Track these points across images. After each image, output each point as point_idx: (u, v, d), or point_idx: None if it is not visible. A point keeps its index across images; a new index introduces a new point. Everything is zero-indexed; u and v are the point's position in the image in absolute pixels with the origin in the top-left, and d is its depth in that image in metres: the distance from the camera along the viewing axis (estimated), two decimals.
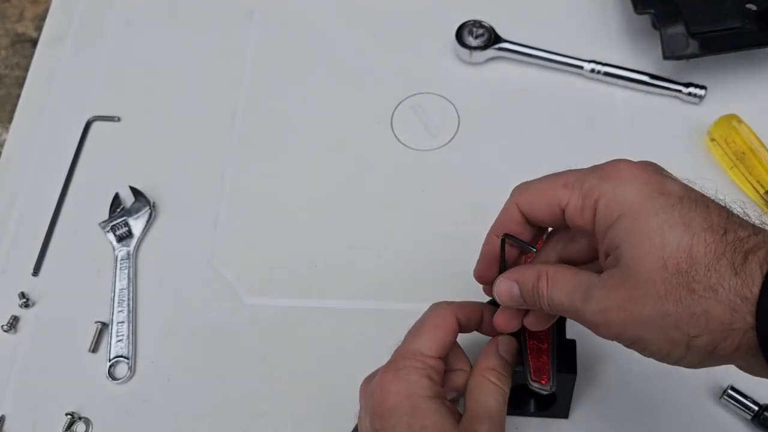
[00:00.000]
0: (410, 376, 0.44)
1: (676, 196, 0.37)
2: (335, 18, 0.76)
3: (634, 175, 0.38)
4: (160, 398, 0.58)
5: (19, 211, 0.67)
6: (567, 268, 0.42)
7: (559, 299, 0.40)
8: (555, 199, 0.41)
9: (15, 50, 0.82)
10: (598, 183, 0.39)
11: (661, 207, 0.37)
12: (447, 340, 0.47)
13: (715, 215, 0.36)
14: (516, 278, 0.43)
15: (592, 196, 0.39)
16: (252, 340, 0.60)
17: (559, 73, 0.71)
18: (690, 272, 0.35)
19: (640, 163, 0.39)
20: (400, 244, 0.63)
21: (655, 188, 0.37)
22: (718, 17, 0.65)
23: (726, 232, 0.35)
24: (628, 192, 0.38)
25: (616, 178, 0.39)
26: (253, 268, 0.63)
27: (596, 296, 0.38)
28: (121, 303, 0.61)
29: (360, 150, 0.68)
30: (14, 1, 0.85)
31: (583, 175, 0.40)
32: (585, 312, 0.39)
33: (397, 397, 0.44)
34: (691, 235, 0.35)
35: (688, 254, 0.35)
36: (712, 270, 0.35)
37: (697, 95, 0.67)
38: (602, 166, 0.40)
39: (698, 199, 0.37)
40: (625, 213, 0.37)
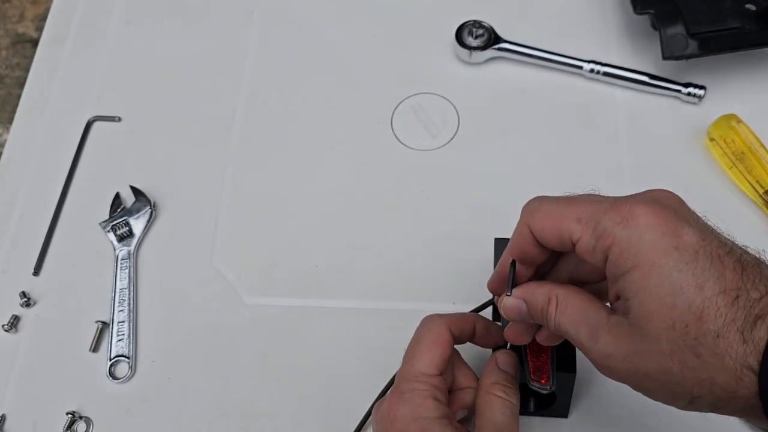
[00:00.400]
0: (415, 399, 0.45)
1: (692, 250, 0.36)
2: (335, 18, 0.77)
3: (651, 223, 0.37)
4: (161, 398, 0.58)
5: (19, 211, 0.67)
6: (577, 294, 0.41)
7: (566, 328, 0.41)
8: (567, 231, 0.40)
9: (15, 50, 0.82)
10: (613, 228, 0.38)
11: (675, 264, 0.36)
12: (445, 355, 0.47)
13: (729, 273, 0.35)
14: (525, 297, 0.43)
15: (606, 240, 0.38)
16: (252, 339, 0.60)
17: (558, 73, 0.71)
18: (698, 337, 0.35)
19: (659, 208, 0.38)
20: (400, 244, 0.63)
21: (672, 241, 0.36)
22: (718, 17, 0.66)
23: (738, 296, 0.35)
24: (643, 243, 0.37)
25: (632, 225, 0.37)
26: (254, 268, 0.63)
27: (602, 340, 0.38)
28: (122, 302, 0.61)
29: (360, 150, 0.68)
30: (15, 1, 0.85)
31: (598, 213, 0.39)
32: (590, 351, 0.39)
33: (403, 422, 0.44)
34: (703, 299, 0.35)
35: (698, 318, 0.35)
36: (720, 337, 0.34)
37: (696, 95, 0.67)
38: (620, 206, 0.38)
39: (713, 253, 0.36)
40: (638, 265, 0.37)
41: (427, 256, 0.63)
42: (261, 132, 0.70)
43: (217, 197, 0.67)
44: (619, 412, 0.55)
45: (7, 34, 0.83)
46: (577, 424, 0.55)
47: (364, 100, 0.71)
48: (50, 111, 0.73)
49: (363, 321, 0.60)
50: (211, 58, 0.75)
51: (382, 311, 0.60)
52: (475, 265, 0.61)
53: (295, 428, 0.56)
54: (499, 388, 0.46)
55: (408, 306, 0.60)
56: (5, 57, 0.81)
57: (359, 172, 0.67)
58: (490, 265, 0.59)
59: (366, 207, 0.65)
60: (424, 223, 0.64)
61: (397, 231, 0.64)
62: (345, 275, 0.62)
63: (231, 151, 0.69)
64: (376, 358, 0.58)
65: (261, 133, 0.70)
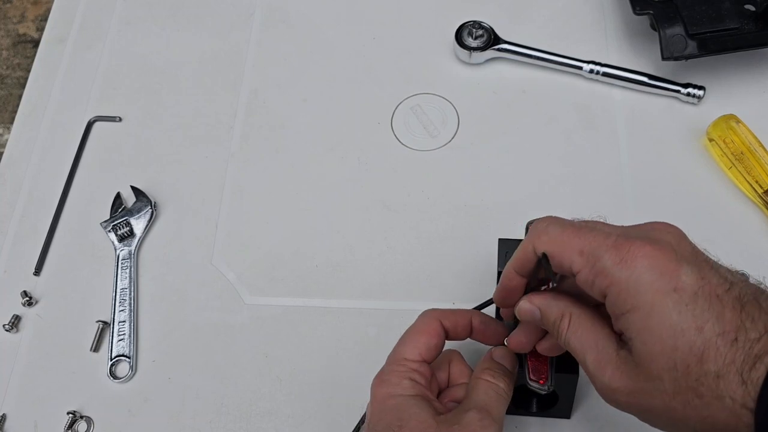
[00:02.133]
0: (392, 379, 0.47)
1: (691, 291, 0.36)
2: (335, 19, 0.77)
3: (649, 264, 0.37)
4: (162, 397, 0.58)
5: (20, 211, 0.67)
6: (589, 317, 0.41)
7: (574, 348, 0.41)
8: (568, 261, 0.40)
9: (16, 51, 0.82)
10: (612, 268, 0.38)
11: (674, 306, 0.36)
12: (430, 344, 0.48)
13: (728, 312, 0.36)
14: (540, 307, 0.44)
15: (604, 280, 0.38)
16: (253, 339, 0.60)
17: (558, 73, 0.71)
18: (699, 378, 0.36)
19: (657, 247, 0.38)
20: (400, 244, 0.64)
21: (670, 282, 0.37)
22: (717, 18, 0.66)
23: (737, 337, 0.35)
24: (641, 285, 0.37)
25: (631, 266, 0.37)
26: (254, 268, 0.63)
27: (609, 373, 0.39)
28: (123, 302, 0.61)
29: (360, 150, 0.69)
30: (16, 2, 0.85)
31: (600, 250, 0.39)
32: (595, 379, 0.40)
33: (380, 400, 0.46)
34: (704, 340, 0.36)
35: (699, 359, 0.36)
36: (721, 378, 0.35)
37: (695, 96, 0.68)
38: (621, 245, 0.38)
39: (712, 292, 0.36)
40: (637, 307, 0.37)
41: (427, 256, 0.63)
42: (261, 132, 0.70)
43: (218, 197, 0.67)
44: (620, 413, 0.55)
45: (8, 34, 0.83)
46: (579, 425, 0.55)
47: (364, 100, 0.71)
48: (51, 111, 0.73)
49: (363, 321, 0.60)
50: (211, 58, 0.75)
51: (382, 311, 0.60)
52: (475, 265, 0.62)
53: (296, 427, 0.56)
54: (488, 373, 0.47)
55: (408, 306, 0.60)
56: (6, 57, 0.81)
57: (359, 173, 0.67)
58: (490, 265, 0.60)
59: (366, 207, 0.66)
60: (424, 223, 0.64)
61: (397, 231, 0.64)
62: (345, 275, 0.62)
63: (231, 151, 0.69)
64: (376, 358, 0.58)
65: (261, 133, 0.70)
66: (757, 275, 0.60)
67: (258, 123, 0.71)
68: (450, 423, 0.44)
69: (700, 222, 0.63)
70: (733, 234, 0.62)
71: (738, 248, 0.61)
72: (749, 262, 0.60)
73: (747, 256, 0.61)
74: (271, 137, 0.70)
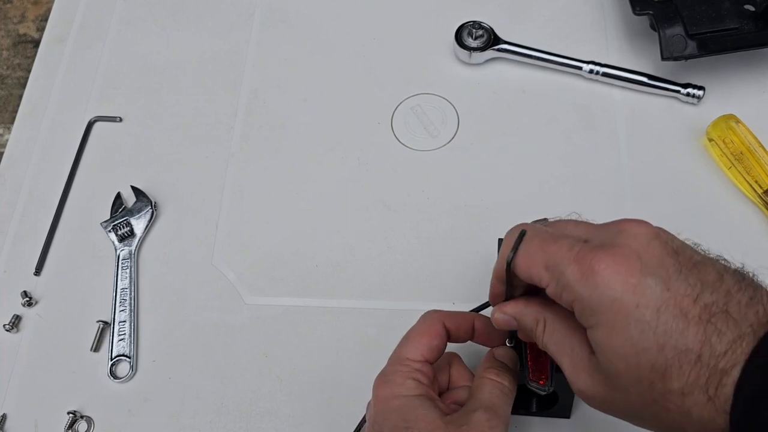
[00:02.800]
0: (395, 379, 0.47)
1: (654, 307, 0.35)
2: (335, 19, 0.77)
3: (610, 280, 0.36)
4: (162, 397, 0.58)
5: (21, 211, 0.67)
6: (563, 321, 0.41)
7: (552, 352, 0.42)
8: (537, 276, 0.40)
9: (17, 51, 0.82)
10: (575, 284, 0.37)
11: (635, 324, 0.35)
12: (432, 344, 0.48)
13: (692, 328, 0.34)
14: (515, 315, 0.44)
15: (569, 295, 0.38)
16: (253, 339, 0.60)
17: (557, 73, 0.71)
18: (665, 394, 0.35)
19: (620, 258, 0.36)
20: (400, 244, 0.64)
21: (632, 299, 0.35)
22: (717, 18, 0.66)
23: (701, 354, 0.34)
24: (603, 302, 0.36)
25: (592, 282, 0.36)
26: (254, 268, 0.63)
27: (582, 379, 0.40)
28: (123, 302, 0.61)
29: (360, 150, 0.69)
30: (16, 2, 0.85)
31: (563, 264, 0.38)
32: (572, 385, 0.41)
33: (384, 400, 0.46)
34: (665, 359, 0.35)
35: (662, 377, 0.35)
36: (686, 395, 0.35)
37: (695, 96, 0.68)
38: (582, 257, 0.37)
39: (677, 305, 0.35)
40: (600, 324, 0.37)
41: (427, 256, 0.63)
42: (261, 132, 0.70)
43: (218, 197, 0.67)
44: None
45: (8, 34, 0.83)
46: (579, 424, 0.55)
47: (364, 100, 0.71)
48: (51, 111, 0.73)
49: (363, 321, 0.60)
50: (211, 58, 0.75)
51: (382, 311, 0.60)
52: (475, 265, 0.62)
53: (296, 427, 0.57)
54: (492, 372, 0.47)
55: (408, 306, 0.60)
56: (6, 57, 0.81)
57: (359, 173, 0.68)
58: (490, 265, 0.59)
59: (366, 207, 0.66)
60: (424, 223, 0.64)
61: (397, 231, 0.64)
62: (345, 275, 0.62)
63: (231, 151, 0.69)
64: (376, 358, 0.58)
65: (261, 133, 0.70)
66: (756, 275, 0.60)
67: (258, 123, 0.71)
68: (458, 424, 0.44)
69: (700, 222, 0.63)
70: (732, 234, 0.62)
71: (738, 248, 0.61)
72: (749, 262, 0.60)
73: (747, 256, 0.61)
74: (271, 137, 0.70)
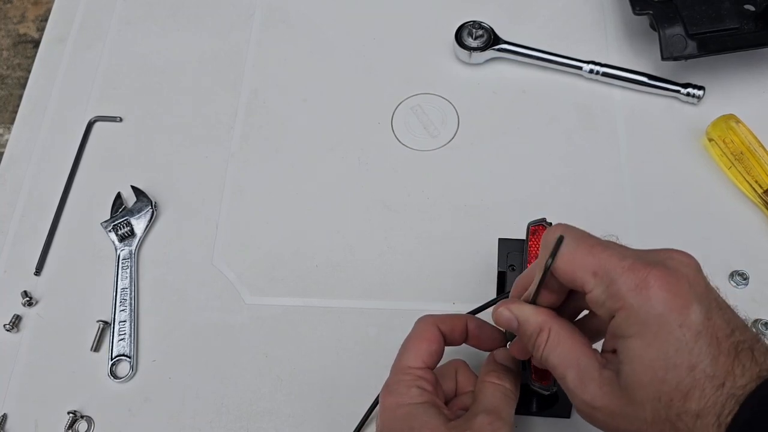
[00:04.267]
0: (399, 388, 0.47)
1: (695, 330, 0.37)
2: (335, 19, 0.77)
3: (662, 297, 0.37)
4: (162, 397, 0.58)
5: (21, 211, 0.67)
6: (571, 334, 0.42)
7: (553, 364, 0.42)
8: (581, 281, 0.40)
9: (17, 51, 0.82)
10: (626, 293, 0.38)
11: (675, 342, 0.37)
12: (431, 350, 0.48)
13: (723, 357, 0.37)
14: (519, 317, 0.44)
15: (616, 302, 0.38)
16: (253, 339, 0.60)
17: (558, 73, 0.71)
18: (680, 414, 0.37)
19: (673, 279, 0.38)
20: (400, 244, 0.64)
21: (678, 319, 0.37)
22: (717, 18, 0.66)
23: (725, 383, 0.36)
24: (651, 316, 0.37)
25: (644, 295, 0.38)
26: (254, 268, 0.63)
27: (590, 391, 0.40)
28: (123, 302, 0.62)
29: (360, 150, 0.69)
30: (16, 2, 0.85)
31: (614, 273, 0.39)
32: (574, 396, 0.41)
33: (390, 410, 0.46)
34: (693, 380, 0.36)
35: (684, 396, 0.37)
36: (699, 418, 0.36)
37: (695, 96, 0.68)
38: (636, 270, 0.38)
39: (714, 334, 0.37)
40: (640, 335, 0.38)
41: (427, 256, 0.63)
42: (261, 132, 0.70)
43: (218, 197, 0.67)
44: None
45: (8, 34, 0.83)
46: (579, 424, 0.55)
47: (364, 100, 0.71)
48: (52, 111, 0.73)
49: (363, 321, 0.60)
50: (211, 58, 0.75)
51: (382, 311, 0.60)
52: (475, 265, 0.62)
53: (296, 427, 0.57)
54: (493, 375, 0.48)
55: (408, 306, 0.60)
56: (7, 57, 0.82)
57: (359, 172, 0.68)
58: (490, 265, 0.60)
59: (366, 207, 0.66)
60: (424, 223, 0.64)
61: (397, 231, 0.64)
62: (345, 275, 0.63)
63: (231, 151, 0.69)
64: (376, 358, 0.58)
65: (262, 134, 0.70)
66: (757, 275, 0.60)
67: (258, 123, 0.71)
68: (461, 429, 0.44)
69: (700, 222, 0.63)
70: (732, 234, 0.62)
71: (738, 248, 0.61)
72: (749, 262, 0.61)
73: (747, 256, 0.61)
74: (271, 137, 0.70)
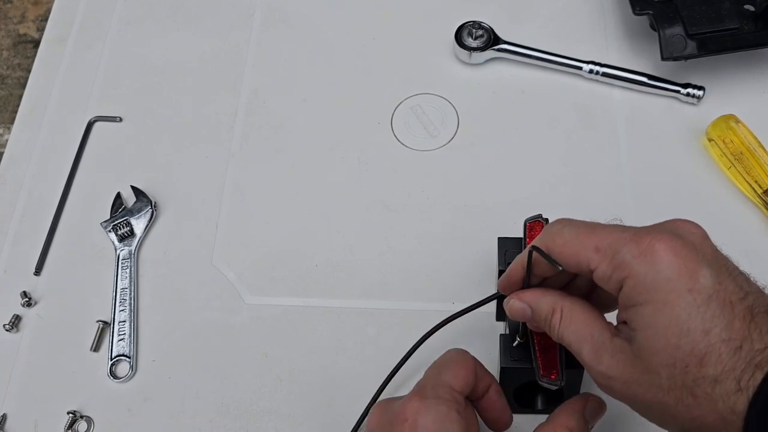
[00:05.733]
0: (440, 406, 0.44)
1: (706, 294, 0.36)
2: (335, 19, 0.77)
3: (669, 261, 0.37)
4: (162, 397, 0.58)
5: (21, 211, 0.67)
6: (582, 309, 0.42)
7: (569, 340, 0.42)
8: (585, 259, 0.40)
9: (17, 51, 0.82)
10: (631, 260, 0.38)
11: (686, 307, 0.36)
12: (468, 378, 0.46)
13: (738, 321, 0.36)
14: (531, 303, 0.44)
15: (622, 272, 0.38)
16: (253, 339, 0.60)
17: (557, 73, 0.71)
18: (696, 379, 0.36)
19: (679, 245, 0.38)
20: (400, 244, 0.64)
21: (687, 283, 0.37)
22: (717, 18, 0.66)
23: (741, 346, 0.35)
24: (659, 281, 0.37)
25: (650, 260, 0.37)
26: (254, 268, 0.63)
27: (605, 362, 0.39)
28: (123, 302, 0.61)
29: (360, 150, 0.69)
30: (16, 2, 0.85)
31: (618, 243, 0.39)
32: (591, 369, 0.40)
33: (425, 430, 0.43)
34: (707, 344, 0.36)
35: (700, 362, 0.36)
36: (718, 383, 0.35)
37: (695, 96, 0.68)
38: (641, 238, 0.38)
39: (726, 299, 0.36)
40: (650, 301, 0.37)
41: (427, 256, 0.63)
42: (261, 132, 0.70)
43: (218, 197, 0.67)
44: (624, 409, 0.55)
45: (8, 34, 0.83)
46: None
47: (364, 100, 0.72)
48: (51, 111, 0.73)
49: (363, 321, 0.60)
50: (211, 58, 0.75)
51: (381, 311, 0.60)
52: (475, 265, 0.62)
53: (296, 427, 0.57)
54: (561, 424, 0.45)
55: (408, 306, 0.60)
56: (7, 57, 0.82)
57: (359, 172, 0.68)
58: (490, 265, 0.60)
59: (366, 207, 0.66)
60: (424, 223, 0.64)
61: (397, 231, 0.64)
62: (345, 275, 0.63)
63: (231, 151, 0.69)
64: (376, 358, 0.58)
65: (261, 133, 0.70)
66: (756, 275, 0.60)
67: (258, 123, 0.71)
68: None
69: (700, 222, 0.62)
70: (732, 234, 0.61)
71: (738, 248, 0.61)
72: (749, 262, 0.60)
73: (747, 256, 0.61)
74: (271, 137, 0.70)
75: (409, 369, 0.56)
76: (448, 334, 0.54)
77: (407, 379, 0.57)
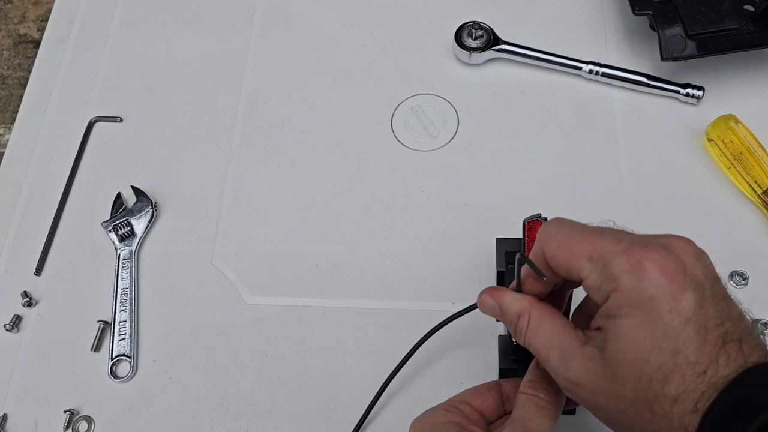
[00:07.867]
0: (436, 412, 0.47)
1: (684, 317, 0.37)
2: (335, 19, 0.77)
3: (656, 280, 0.37)
4: (162, 397, 0.58)
5: (21, 211, 0.67)
6: (551, 316, 0.42)
7: (536, 347, 0.42)
8: (576, 267, 0.40)
9: (17, 51, 0.82)
10: (620, 274, 0.38)
11: (663, 326, 0.37)
12: (485, 404, 0.48)
13: (708, 347, 0.36)
14: (501, 304, 0.45)
15: (611, 285, 0.39)
16: (253, 338, 0.60)
17: (557, 74, 0.71)
18: (658, 395, 0.37)
19: (669, 264, 0.38)
20: (400, 244, 0.64)
21: (669, 304, 0.37)
22: (716, 18, 0.66)
23: (706, 371, 0.36)
24: (643, 299, 0.37)
25: (638, 277, 0.38)
26: (254, 268, 0.63)
27: (573, 369, 0.40)
28: (123, 302, 0.62)
29: (360, 150, 0.69)
30: (17, 2, 0.85)
31: (610, 255, 0.39)
32: (558, 376, 0.41)
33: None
34: (674, 364, 0.36)
35: (664, 379, 0.37)
36: (677, 402, 0.36)
37: (694, 96, 0.68)
38: (632, 251, 0.38)
39: (702, 324, 0.37)
40: (630, 315, 0.38)
41: (427, 256, 0.63)
42: (261, 132, 0.70)
43: (218, 197, 0.67)
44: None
45: (9, 34, 0.83)
46: (584, 419, 0.55)
47: (364, 100, 0.72)
48: (52, 111, 0.73)
49: (363, 320, 0.60)
50: (211, 58, 0.75)
51: (381, 311, 0.61)
52: (475, 265, 0.62)
53: (296, 427, 0.57)
54: (528, 385, 0.46)
55: (407, 306, 0.61)
56: (7, 57, 0.82)
57: (359, 173, 0.68)
58: (490, 265, 0.60)
59: (366, 207, 0.66)
60: (424, 223, 0.65)
61: (397, 231, 0.64)
62: (345, 275, 0.63)
63: (232, 151, 0.70)
64: (376, 358, 0.58)
65: (261, 133, 0.70)
66: (756, 276, 0.60)
67: (258, 123, 0.71)
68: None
69: (700, 222, 0.63)
70: (732, 234, 0.62)
71: (737, 248, 0.61)
72: (749, 263, 0.61)
73: (746, 256, 0.61)
74: (271, 137, 0.70)
75: (409, 369, 0.56)
76: (448, 334, 0.55)
77: (407, 379, 0.57)
